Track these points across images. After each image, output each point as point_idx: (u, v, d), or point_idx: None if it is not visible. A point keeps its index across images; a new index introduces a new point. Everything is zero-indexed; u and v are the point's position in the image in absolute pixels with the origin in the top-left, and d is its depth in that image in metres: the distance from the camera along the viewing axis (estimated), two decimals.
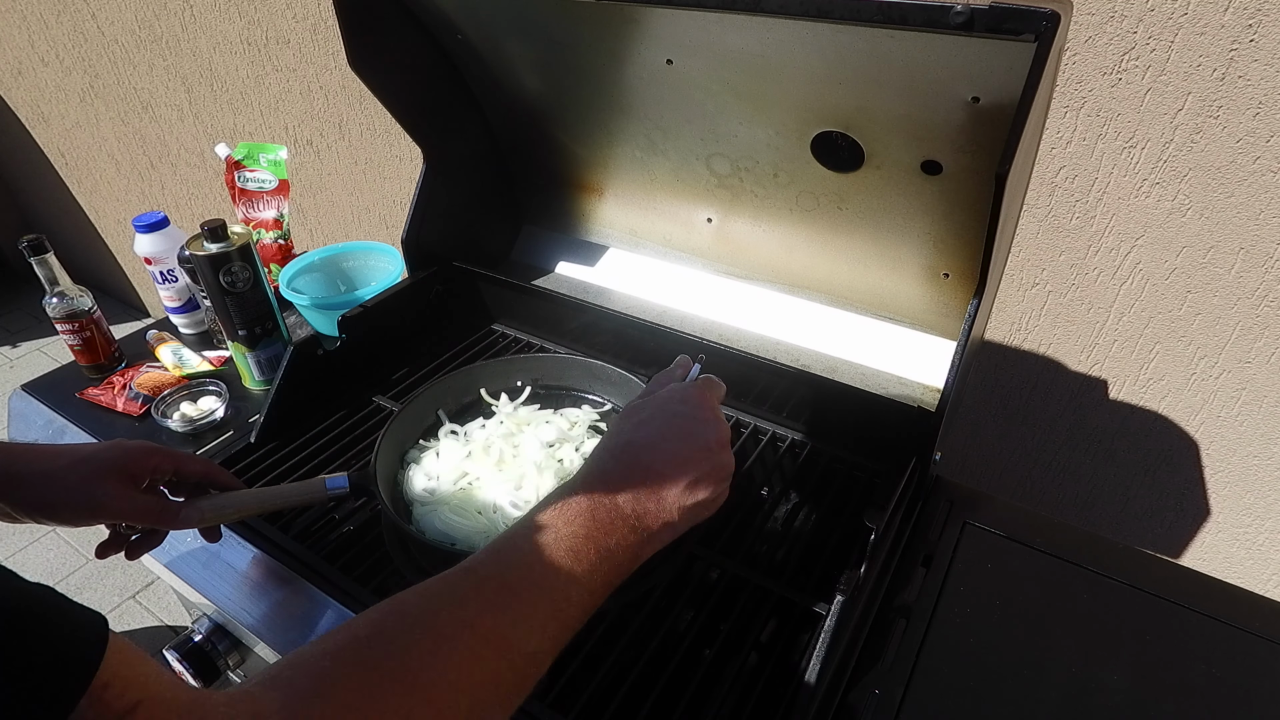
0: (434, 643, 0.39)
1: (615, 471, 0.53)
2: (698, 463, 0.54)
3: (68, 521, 0.61)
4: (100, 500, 0.61)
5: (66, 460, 0.61)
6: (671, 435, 0.55)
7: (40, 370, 1.38)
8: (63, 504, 0.60)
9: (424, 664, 0.38)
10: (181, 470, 0.67)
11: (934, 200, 0.79)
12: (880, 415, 0.81)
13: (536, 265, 1.16)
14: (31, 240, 1.03)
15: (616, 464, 0.53)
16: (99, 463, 0.62)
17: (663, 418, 0.56)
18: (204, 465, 0.68)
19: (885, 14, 0.55)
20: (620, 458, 0.54)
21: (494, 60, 0.92)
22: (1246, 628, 0.68)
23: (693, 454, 0.54)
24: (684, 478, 0.53)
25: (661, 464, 0.53)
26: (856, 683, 0.64)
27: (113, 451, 0.63)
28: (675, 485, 0.53)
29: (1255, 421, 1.04)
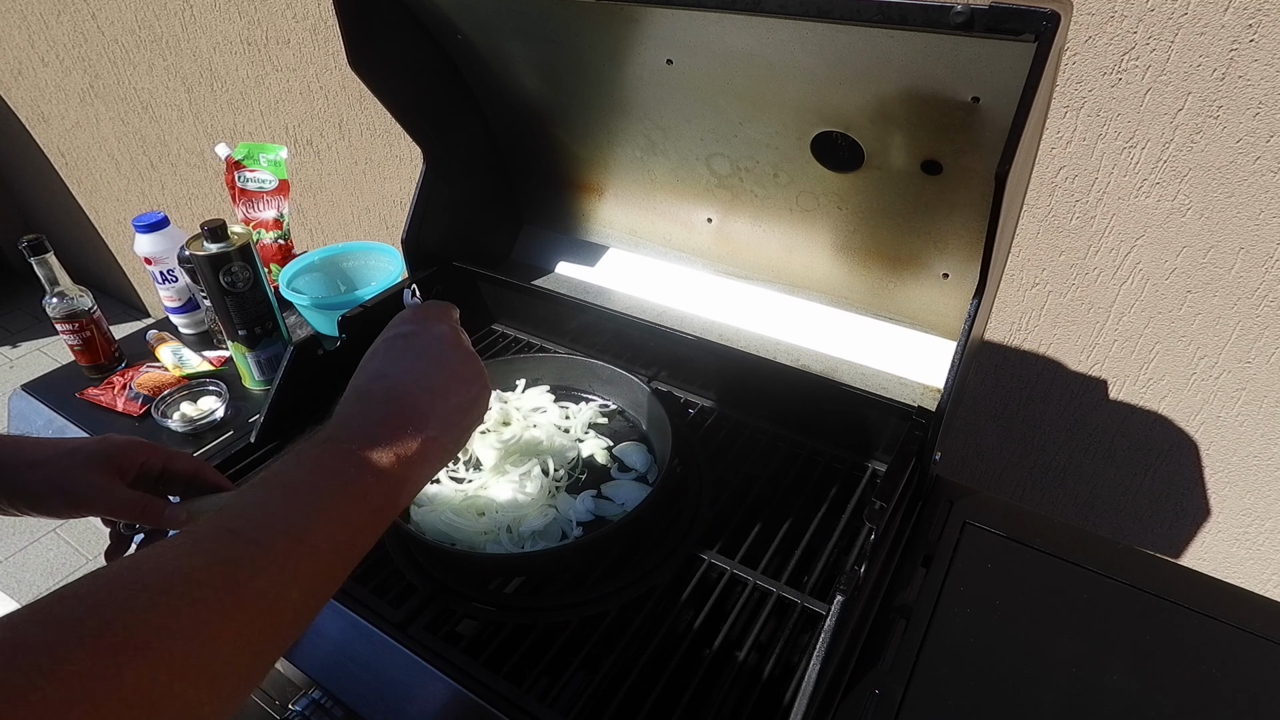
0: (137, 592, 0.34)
1: (350, 409, 0.50)
2: (435, 370, 0.53)
3: (51, 513, 0.60)
4: (83, 492, 0.59)
5: (51, 451, 0.61)
6: (396, 356, 0.53)
7: (40, 370, 1.38)
8: (45, 494, 0.59)
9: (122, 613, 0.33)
10: (171, 467, 0.65)
11: (934, 200, 0.79)
12: (880, 415, 0.81)
13: (536, 265, 1.16)
14: (31, 240, 1.03)
15: (349, 404, 0.51)
16: (84, 454, 0.61)
17: (384, 346, 0.55)
18: (194, 463, 0.67)
19: (885, 14, 0.55)
20: (351, 398, 0.52)
21: (494, 60, 0.92)
22: (1246, 628, 0.68)
23: (425, 363, 0.53)
24: (429, 387, 0.51)
25: (396, 383, 0.51)
26: (856, 683, 0.64)
27: (100, 444, 0.62)
28: (420, 396, 0.51)
29: (1255, 421, 1.04)
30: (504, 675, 0.62)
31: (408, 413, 0.50)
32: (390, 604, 0.69)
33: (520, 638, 0.67)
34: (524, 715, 0.60)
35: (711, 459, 0.84)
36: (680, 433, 0.83)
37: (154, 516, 0.63)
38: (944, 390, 0.71)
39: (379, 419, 0.49)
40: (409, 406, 0.50)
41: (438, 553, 0.72)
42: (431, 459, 0.50)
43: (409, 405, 0.50)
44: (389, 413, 0.50)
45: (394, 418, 0.49)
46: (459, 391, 0.53)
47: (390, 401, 0.50)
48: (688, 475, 0.82)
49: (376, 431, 0.48)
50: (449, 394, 0.52)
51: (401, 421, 0.49)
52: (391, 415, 0.49)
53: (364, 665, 0.67)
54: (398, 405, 0.50)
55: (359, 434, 0.48)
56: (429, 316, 0.57)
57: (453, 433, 0.52)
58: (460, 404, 0.53)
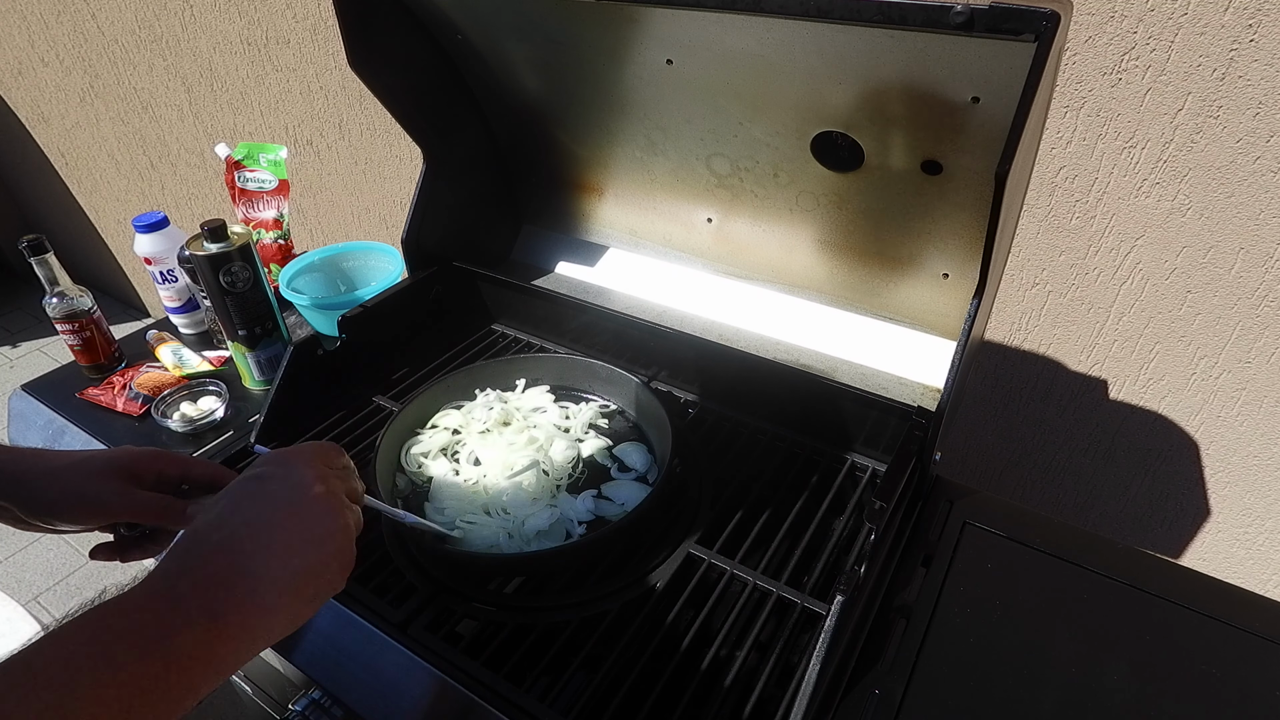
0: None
1: (173, 560, 0.44)
2: (280, 523, 0.46)
3: (72, 521, 0.60)
4: (104, 498, 0.59)
5: (69, 460, 0.61)
6: (243, 504, 0.47)
7: (40, 370, 1.38)
8: (66, 502, 0.59)
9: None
10: (189, 475, 0.65)
11: (934, 200, 0.79)
12: (880, 415, 0.81)
13: (536, 265, 1.16)
14: (31, 240, 1.03)
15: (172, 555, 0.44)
16: (101, 462, 0.61)
17: (235, 491, 0.49)
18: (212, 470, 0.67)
19: (885, 14, 0.55)
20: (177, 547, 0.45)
21: (494, 60, 0.92)
22: (1246, 628, 0.68)
23: (276, 514, 0.46)
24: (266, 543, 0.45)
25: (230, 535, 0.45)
26: (856, 683, 0.64)
27: (117, 454, 0.62)
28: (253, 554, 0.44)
29: (1255, 421, 1.04)
30: (504, 675, 0.62)
31: (230, 574, 0.43)
32: (390, 604, 0.69)
33: (520, 638, 0.67)
34: (524, 715, 0.60)
35: (711, 459, 0.84)
36: (680, 433, 0.83)
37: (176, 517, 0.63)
38: (944, 390, 0.71)
39: (196, 579, 0.43)
40: (235, 567, 0.44)
41: (438, 553, 0.72)
42: (259, 629, 0.44)
43: (236, 565, 0.44)
44: (208, 573, 0.43)
45: (211, 580, 0.43)
46: (304, 553, 0.46)
47: (217, 555, 0.44)
48: (688, 475, 0.82)
49: (187, 592, 0.42)
50: (291, 554, 0.45)
51: (219, 585, 0.43)
52: (209, 577, 0.43)
53: (364, 665, 0.67)
54: (224, 562, 0.44)
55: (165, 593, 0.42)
56: (295, 459, 0.51)
57: (287, 600, 0.45)
58: (305, 567, 0.46)
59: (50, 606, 1.89)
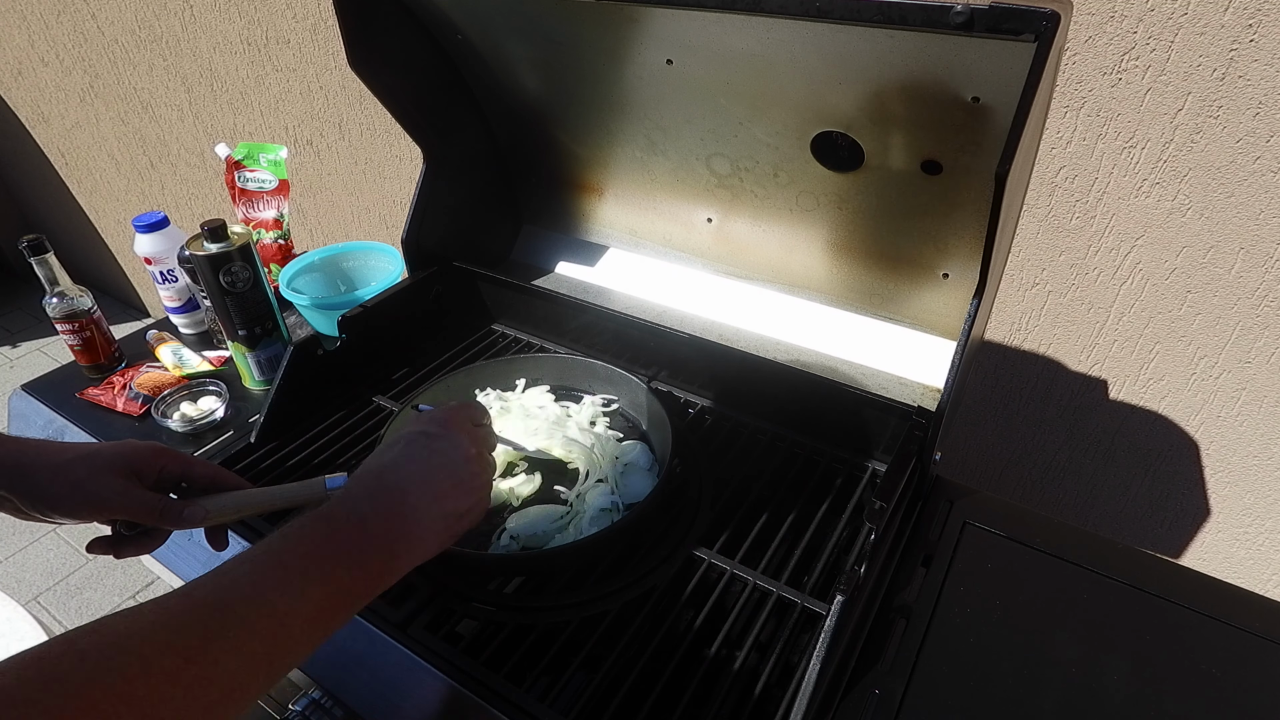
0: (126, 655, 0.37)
1: (357, 492, 0.54)
2: (444, 476, 0.57)
3: (71, 515, 0.61)
4: (104, 495, 0.60)
5: (72, 454, 0.61)
6: (416, 454, 0.57)
7: (40, 370, 1.38)
8: (66, 497, 0.60)
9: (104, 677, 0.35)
10: (190, 474, 0.66)
11: (934, 200, 0.79)
12: (880, 415, 0.81)
13: (536, 265, 1.16)
14: (31, 240, 1.03)
15: (359, 485, 0.55)
16: (105, 458, 0.61)
17: (406, 441, 0.58)
18: (212, 470, 0.67)
19: (885, 14, 0.55)
20: (363, 479, 0.55)
21: (494, 60, 0.92)
22: (1246, 628, 0.68)
23: (438, 468, 0.57)
24: (430, 491, 0.55)
25: (405, 480, 0.55)
26: (856, 683, 0.64)
27: (121, 448, 0.63)
28: (422, 499, 0.55)
29: (1255, 421, 1.04)
30: (504, 675, 0.62)
31: (405, 511, 0.54)
32: (390, 604, 0.69)
33: (520, 638, 0.67)
34: (524, 715, 0.60)
35: (711, 459, 0.84)
36: (680, 433, 0.83)
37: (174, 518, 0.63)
38: (944, 390, 0.71)
39: (378, 511, 0.53)
40: (408, 506, 0.54)
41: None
42: (412, 558, 0.54)
43: (408, 505, 0.54)
44: (388, 507, 0.53)
45: (392, 512, 0.53)
46: (456, 500, 0.57)
47: (394, 494, 0.54)
48: (688, 475, 0.82)
49: (372, 522, 0.52)
50: (446, 500, 0.56)
51: (397, 519, 0.53)
52: (391, 509, 0.53)
53: (364, 665, 0.67)
54: (399, 500, 0.54)
55: (356, 521, 0.51)
56: (455, 423, 0.61)
57: (438, 536, 0.56)
58: (453, 511, 0.57)
59: (50, 606, 1.89)
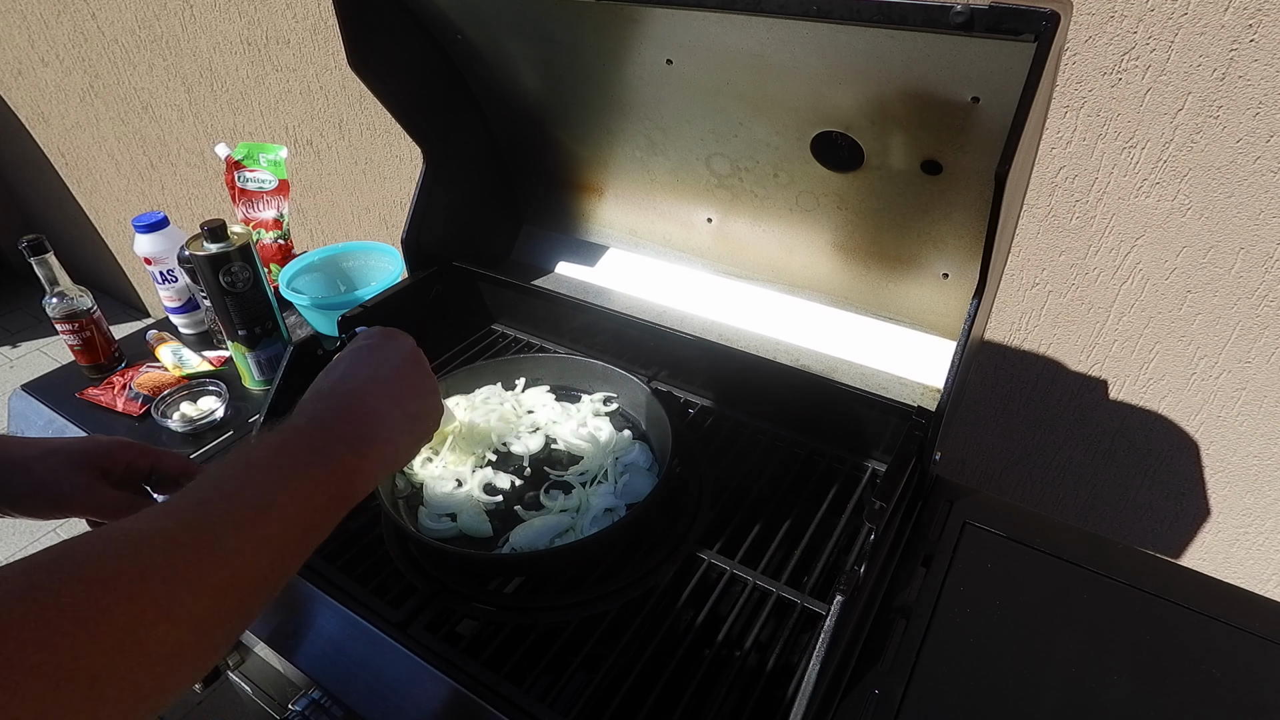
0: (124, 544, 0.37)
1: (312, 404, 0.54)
2: (395, 378, 0.57)
3: (33, 513, 0.59)
4: (67, 493, 0.59)
5: (36, 450, 0.60)
6: (362, 363, 0.57)
7: (40, 370, 1.38)
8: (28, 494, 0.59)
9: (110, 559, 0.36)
10: (160, 467, 0.65)
11: (934, 200, 0.79)
12: (880, 415, 0.81)
13: (536, 265, 1.16)
14: (31, 240, 1.03)
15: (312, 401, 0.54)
16: (69, 455, 0.60)
17: (350, 355, 0.59)
18: (182, 462, 0.66)
19: (885, 14, 0.55)
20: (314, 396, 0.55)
21: (494, 60, 0.92)
22: (1246, 628, 0.68)
23: (388, 371, 0.57)
24: (386, 392, 0.55)
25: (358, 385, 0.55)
26: (856, 683, 0.64)
27: (84, 444, 0.61)
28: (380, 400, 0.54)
29: (1255, 421, 1.04)
30: (504, 675, 0.62)
31: (365, 412, 0.53)
32: (390, 604, 0.69)
33: (520, 638, 0.67)
34: (524, 715, 0.60)
35: (711, 459, 0.84)
36: (680, 433, 0.83)
37: None
38: (944, 390, 0.71)
39: (338, 414, 0.53)
40: (367, 407, 0.54)
41: (438, 553, 0.72)
42: (383, 458, 0.53)
43: (367, 405, 0.54)
44: (349, 408, 0.53)
45: (352, 414, 0.53)
46: (414, 400, 0.57)
47: (351, 398, 0.54)
48: (688, 475, 0.82)
49: (335, 425, 0.51)
50: (404, 401, 0.56)
51: (359, 418, 0.53)
52: (350, 411, 0.53)
53: (364, 665, 0.67)
54: (358, 403, 0.54)
55: (319, 425, 0.51)
56: (392, 333, 0.62)
57: (404, 438, 0.56)
58: (414, 412, 0.57)
59: None
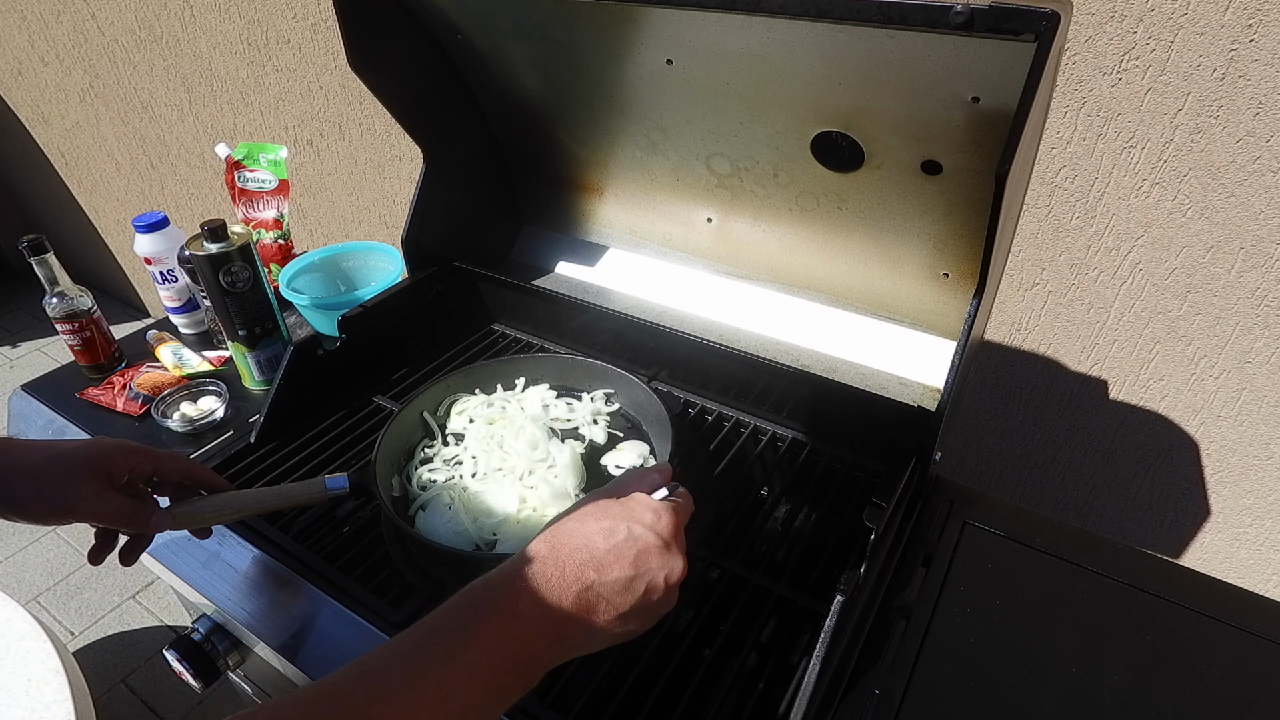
0: None
1: (551, 577, 0.49)
2: (644, 605, 0.51)
3: (39, 520, 0.59)
4: (72, 501, 0.59)
5: (40, 457, 0.60)
6: (629, 561, 0.50)
7: (40, 370, 1.38)
8: (34, 501, 0.59)
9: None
10: (162, 470, 0.65)
11: (934, 200, 0.79)
12: (880, 415, 0.81)
13: (536, 265, 1.16)
14: (31, 240, 1.03)
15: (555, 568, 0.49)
16: (73, 461, 0.60)
17: (628, 541, 0.51)
18: (186, 465, 0.66)
19: (885, 14, 0.55)
20: (559, 561, 0.50)
21: (494, 60, 0.92)
22: (1246, 628, 0.68)
23: (643, 591, 0.51)
24: (622, 606, 0.50)
25: (608, 590, 0.49)
26: (856, 683, 0.64)
27: (89, 450, 0.61)
28: (611, 613, 0.50)
29: (1255, 421, 1.04)
30: None
31: (591, 624, 0.49)
32: (390, 604, 0.69)
33: None
34: (524, 715, 0.60)
35: (711, 459, 0.84)
36: (680, 433, 0.83)
37: (142, 524, 0.62)
38: (944, 390, 0.71)
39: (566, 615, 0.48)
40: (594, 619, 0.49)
41: (438, 553, 0.72)
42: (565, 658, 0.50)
43: (595, 617, 0.49)
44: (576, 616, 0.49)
45: (575, 625, 0.49)
46: (639, 624, 0.52)
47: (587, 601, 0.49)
48: (688, 475, 0.82)
49: (552, 627, 0.48)
50: (628, 622, 0.51)
51: (579, 630, 0.49)
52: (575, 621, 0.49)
53: None
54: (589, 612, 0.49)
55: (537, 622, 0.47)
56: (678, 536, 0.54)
57: (598, 646, 0.51)
58: (633, 630, 0.52)
59: (50, 606, 1.89)
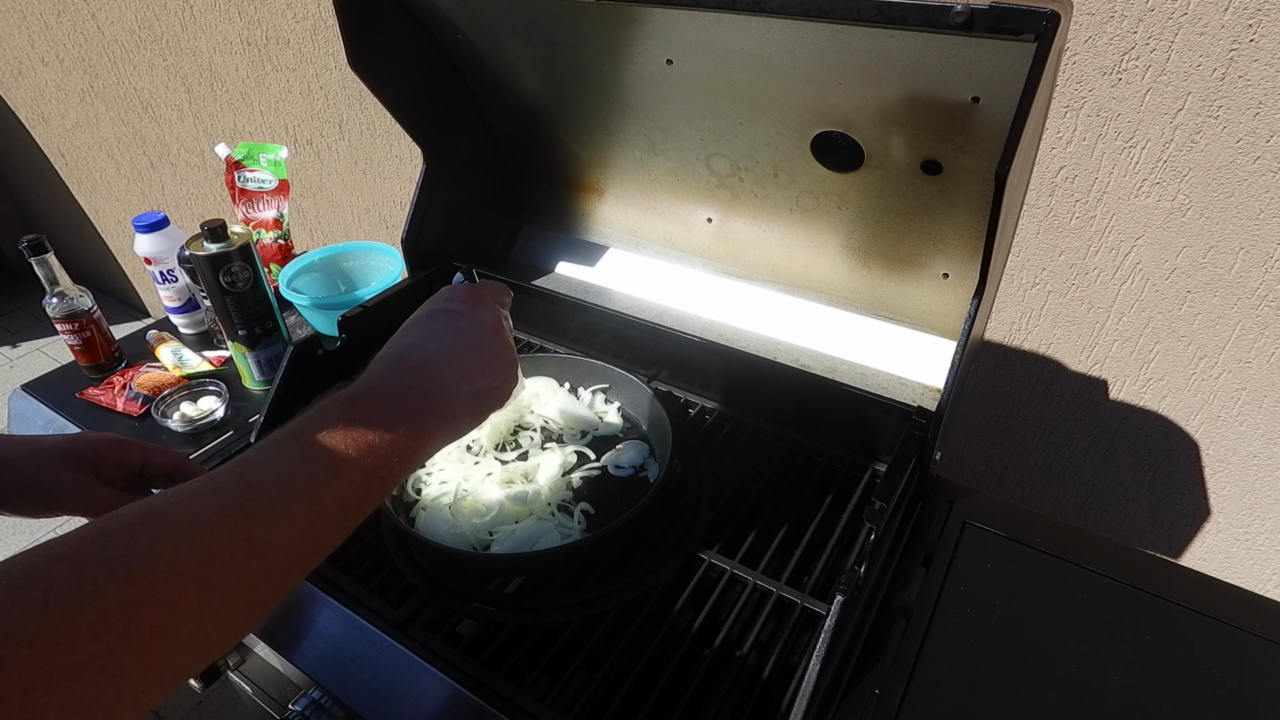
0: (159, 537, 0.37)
1: (380, 371, 0.52)
2: (469, 352, 0.54)
3: (22, 512, 0.59)
4: (56, 492, 0.58)
5: (24, 449, 0.59)
6: (438, 331, 0.55)
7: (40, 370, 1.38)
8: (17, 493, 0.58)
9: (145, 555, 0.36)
10: (150, 463, 0.64)
11: (934, 200, 0.79)
12: (880, 415, 0.81)
13: (536, 265, 1.16)
14: (31, 240, 1.03)
15: (382, 365, 0.53)
16: (58, 452, 0.59)
17: (428, 318, 0.56)
18: (173, 458, 0.66)
19: (885, 14, 0.55)
20: (386, 360, 0.53)
21: (494, 60, 0.92)
22: (1246, 628, 0.68)
23: (462, 343, 0.54)
24: (457, 368, 0.53)
25: (429, 356, 0.53)
26: (856, 683, 0.64)
27: (75, 442, 0.61)
28: (450, 375, 0.53)
29: (1255, 421, 1.04)
30: (504, 675, 0.62)
31: (432, 387, 0.52)
32: (390, 604, 0.69)
33: (520, 638, 0.67)
34: (524, 715, 0.60)
35: (711, 459, 0.84)
36: (680, 433, 0.83)
37: None
38: (944, 390, 0.71)
39: (404, 387, 0.51)
40: (435, 382, 0.52)
41: (438, 553, 0.72)
42: (443, 434, 0.52)
43: (435, 381, 0.52)
44: (414, 384, 0.51)
45: (417, 389, 0.51)
46: (486, 377, 0.55)
47: (419, 372, 0.52)
48: (688, 475, 0.82)
49: (398, 400, 0.50)
50: (476, 378, 0.54)
51: (424, 394, 0.51)
52: (416, 386, 0.51)
53: (364, 665, 0.67)
54: (425, 377, 0.52)
55: (382, 399, 0.50)
56: (478, 299, 0.58)
57: (467, 415, 0.54)
58: (483, 389, 0.54)
59: None
